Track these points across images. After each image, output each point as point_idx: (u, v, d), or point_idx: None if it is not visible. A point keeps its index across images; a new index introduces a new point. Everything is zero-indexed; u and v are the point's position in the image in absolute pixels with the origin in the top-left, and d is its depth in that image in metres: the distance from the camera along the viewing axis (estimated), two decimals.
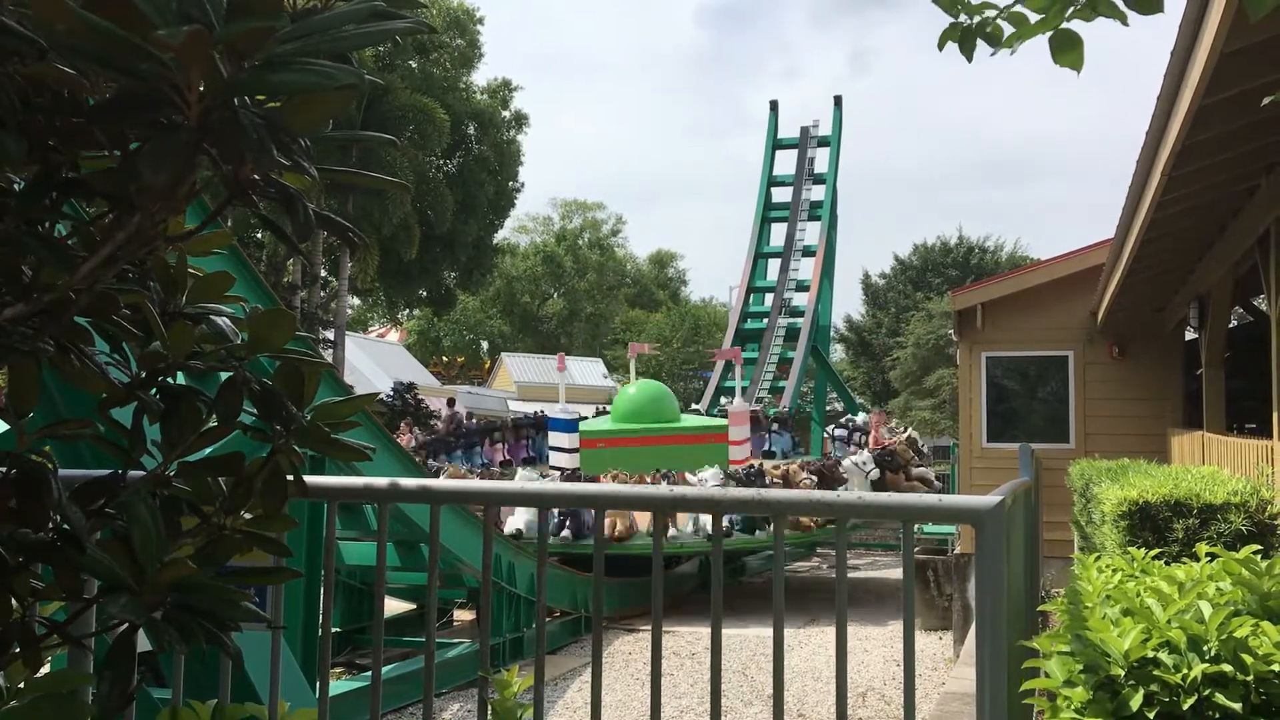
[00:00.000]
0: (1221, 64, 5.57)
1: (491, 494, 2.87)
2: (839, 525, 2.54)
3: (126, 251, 1.25)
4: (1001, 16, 2.30)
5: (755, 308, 33.15)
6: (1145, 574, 3.71)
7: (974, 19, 2.28)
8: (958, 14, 2.28)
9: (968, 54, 2.32)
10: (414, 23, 1.17)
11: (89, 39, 0.98)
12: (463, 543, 12.37)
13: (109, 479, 1.86)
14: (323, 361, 1.92)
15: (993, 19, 2.31)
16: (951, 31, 2.31)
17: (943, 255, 58.76)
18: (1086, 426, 16.04)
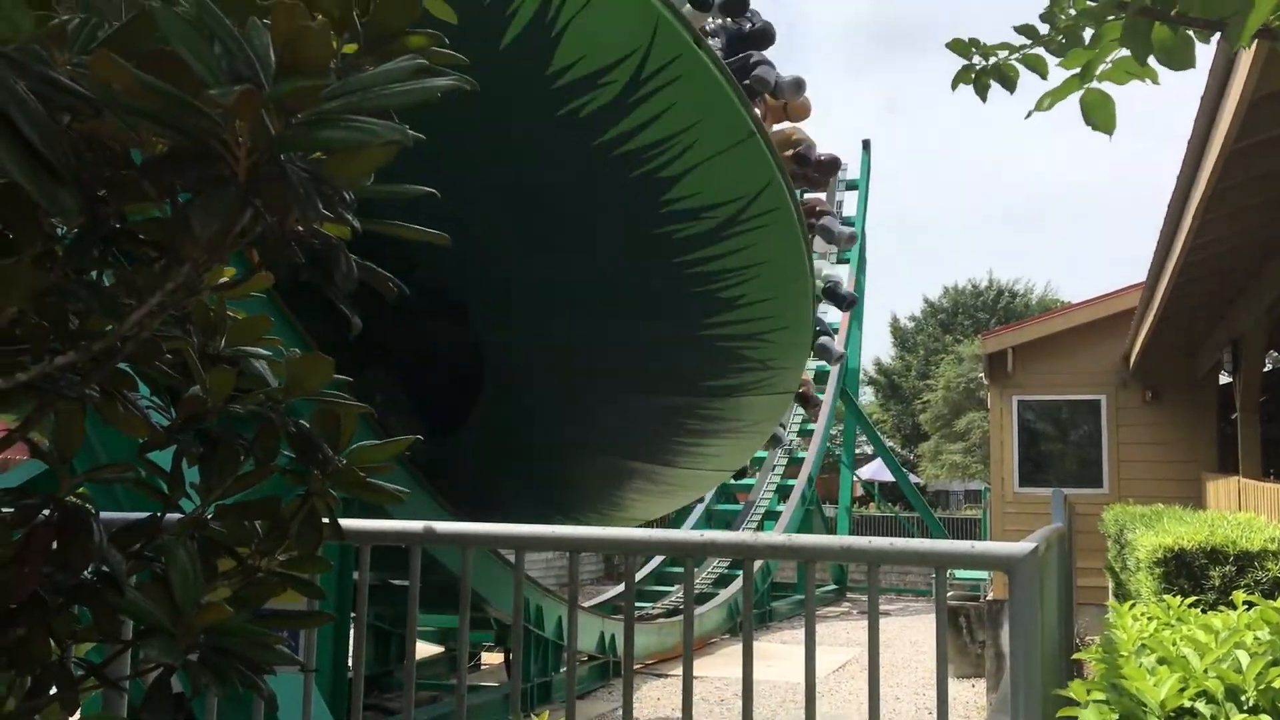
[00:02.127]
0: (1251, 109, 5.57)
1: (522, 538, 2.88)
2: (871, 571, 2.54)
3: (173, 300, 1.28)
4: (1016, 58, 2.32)
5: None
6: (1181, 622, 3.66)
7: (988, 60, 2.31)
8: (971, 56, 2.31)
9: (981, 95, 2.34)
10: (456, 81, 1.20)
11: (144, 98, 1.01)
12: (491, 585, 12.33)
13: (148, 522, 1.88)
14: (359, 405, 1.94)
15: (1005, 59, 2.33)
16: (964, 74, 2.34)
17: (973, 298, 58.57)
18: (1120, 471, 15.88)
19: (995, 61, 2.29)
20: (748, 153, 8.25)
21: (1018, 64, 2.29)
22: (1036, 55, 2.27)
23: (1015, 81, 2.31)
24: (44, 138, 1.03)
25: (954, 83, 2.34)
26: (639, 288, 9.00)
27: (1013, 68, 2.30)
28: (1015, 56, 2.28)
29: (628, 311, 9.29)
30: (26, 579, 1.59)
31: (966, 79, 2.31)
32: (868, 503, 40.64)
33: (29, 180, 1.03)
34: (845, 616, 26.08)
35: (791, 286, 9.71)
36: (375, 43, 1.44)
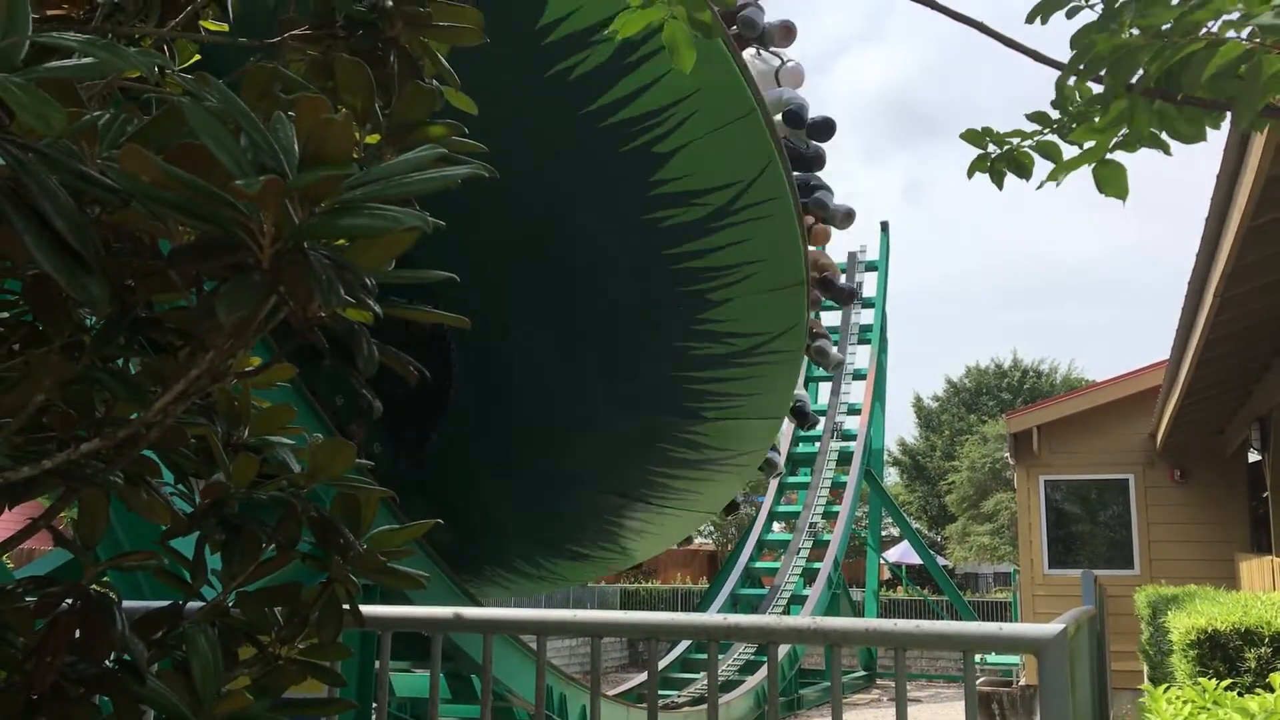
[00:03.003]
0: (1268, 186, 5.59)
1: (544, 624, 2.86)
2: (897, 655, 2.50)
3: (198, 387, 1.30)
4: (1029, 145, 2.35)
5: (806, 432, 32.95)
6: (1217, 705, 3.59)
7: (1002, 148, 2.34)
8: (986, 145, 2.34)
9: (998, 183, 2.37)
10: (475, 169, 1.23)
11: (171, 189, 1.04)
12: (512, 672, 12.17)
13: (170, 610, 1.88)
14: (380, 489, 1.95)
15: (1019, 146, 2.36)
16: (980, 163, 2.37)
17: (996, 378, 58.39)
18: (1151, 552, 15.65)
19: (1009, 149, 2.32)
20: (747, 132, 7.68)
21: (1031, 150, 2.32)
22: (1050, 143, 2.30)
23: (1030, 169, 2.34)
24: (74, 230, 1.05)
25: (970, 171, 2.37)
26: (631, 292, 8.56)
27: (1027, 155, 2.33)
28: (1028, 144, 2.31)
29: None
30: (48, 668, 1.58)
31: (982, 167, 2.34)
32: (895, 586, 40.13)
33: (59, 272, 1.05)
34: (875, 704, 25.58)
35: (785, 291, 9.00)
36: (397, 132, 1.48)
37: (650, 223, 7.80)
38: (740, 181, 7.82)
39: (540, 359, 9.18)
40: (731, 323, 8.74)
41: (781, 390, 10.40)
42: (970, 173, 2.35)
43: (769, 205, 8.06)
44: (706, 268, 8.20)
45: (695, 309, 8.52)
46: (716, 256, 8.10)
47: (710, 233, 7.96)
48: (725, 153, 7.63)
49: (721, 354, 8.95)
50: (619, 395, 9.56)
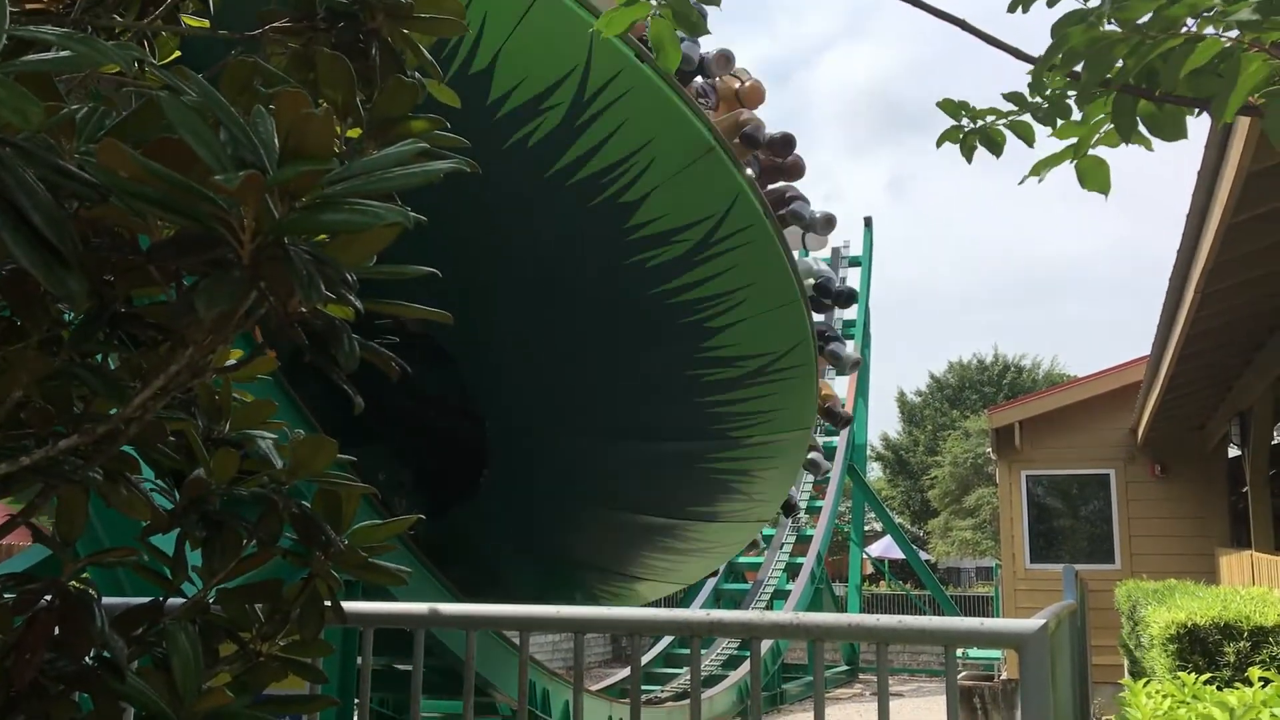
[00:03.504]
0: (1249, 183, 5.62)
1: (527, 619, 2.85)
2: (879, 650, 2.51)
3: (177, 382, 1.30)
4: (1003, 124, 2.36)
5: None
6: (1197, 699, 3.61)
7: (976, 123, 2.35)
8: (960, 118, 2.35)
9: (967, 156, 2.38)
10: (458, 163, 1.22)
11: (150, 183, 1.03)
12: (495, 668, 12.16)
13: (150, 606, 1.87)
14: (361, 485, 1.94)
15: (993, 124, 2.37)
16: (952, 133, 2.37)
17: (979, 373, 58.60)
18: (1132, 547, 15.74)
19: (983, 125, 2.33)
20: (710, 169, 8.00)
21: (1005, 129, 2.33)
22: (1023, 123, 2.31)
23: (1001, 146, 2.35)
24: (51, 225, 1.04)
25: (939, 141, 2.37)
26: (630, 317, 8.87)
27: (1000, 133, 2.34)
28: (1002, 122, 2.32)
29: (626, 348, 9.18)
30: (27, 665, 1.57)
31: (954, 138, 2.35)
32: (878, 581, 40.25)
33: (36, 267, 1.04)
34: (857, 698, 25.65)
35: (782, 310, 9.36)
36: (378, 126, 1.47)
37: (636, 265, 8.10)
38: (713, 216, 8.11)
39: (561, 405, 9.62)
40: (736, 346, 9.09)
41: (803, 400, 10.71)
42: (940, 142, 2.36)
43: (747, 233, 8.35)
44: (699, 299, 8.50)
45: (698, 338, 8.81)
46: (706, 287, 8.39)
47: (695, 266, 8.27)
48: (693, 192, 7.92)
49: (734, 376, 9.26)
50: (645, 432, 9.95)
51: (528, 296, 8.47)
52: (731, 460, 10.63)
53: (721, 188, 8.06)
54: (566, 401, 9.59)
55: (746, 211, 8.27)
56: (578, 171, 7.45)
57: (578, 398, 9.58)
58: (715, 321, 8.72)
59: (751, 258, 8.51)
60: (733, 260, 8.36)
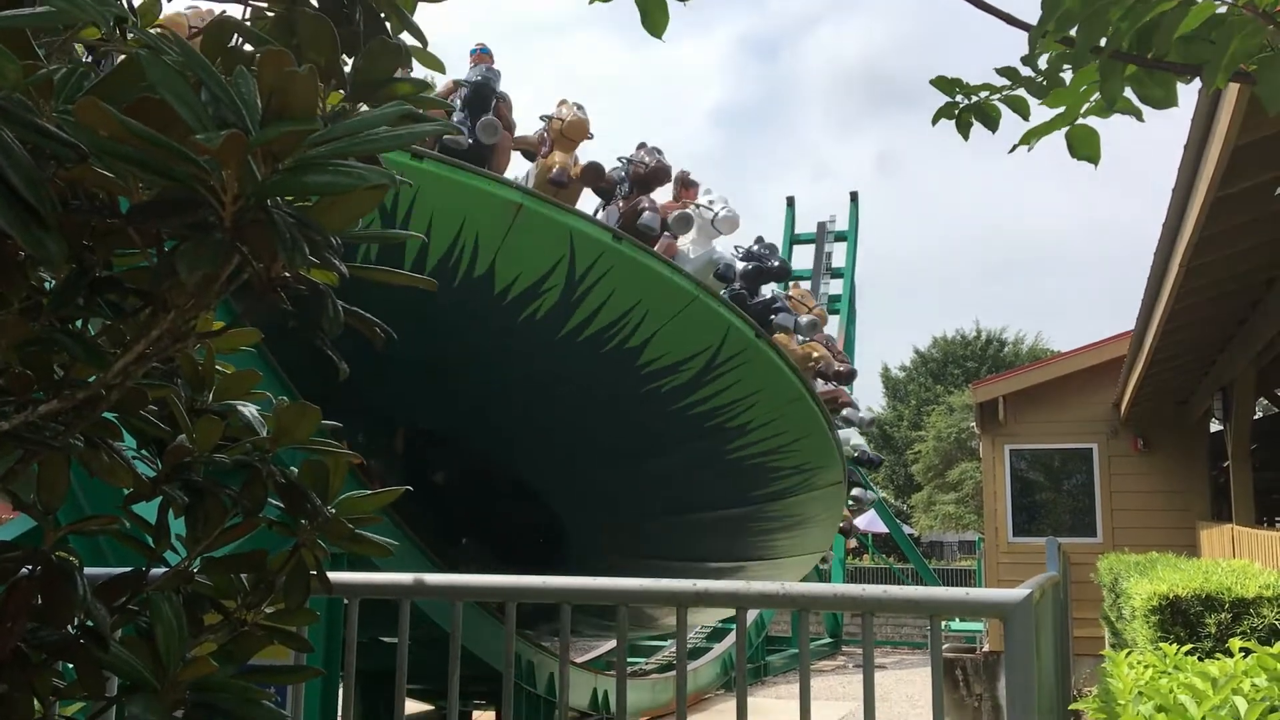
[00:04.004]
0: (1235, 157, 5.62)
1: (513, 590, 2.85)
2: (865, 619, 2.51)
3: (158, 348, 1.28)
4: (998, 98, 2.35)
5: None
6: (1178, 670, 3.64)
7: (970, 99, 2.33)
8: (955, 94, 2.33)
9: (963, 133, 2.37)
10: (441, 125, 1.21)
11: (130, 143, 1.01)
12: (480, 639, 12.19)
13: (133, 575, 1.86)
14: (348, 454, 1.92)
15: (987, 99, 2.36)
16: (947, 109, 2.36)
17: (962, 348, 58.77)
18: (1114, 520, 15.85)
19: (977, 100, 2.31)
20: (698, 312, 9.75)
21: (1000, 104, 2.32)
22: (1018, 97, 2.29)
23: (997, 121, 2.34)
24: (29, 185, 1.02)
25: (935, 118, 2.36)
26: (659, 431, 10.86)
27: (994, 108, 2.32)
28: (997, 97, 2.31)
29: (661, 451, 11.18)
30: (9, 635, 1.56)
31: (949, 115, 2.33)
32: (862, 554, 40.47)
33: (14, 226, 1.02)
34: (840, 670, 25.84)
35: (792, 404, 11.12)
36: (362, 90, 1.45)
37: (653, 390, 10.00)
38: (710, 347, 9.90)
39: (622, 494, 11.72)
40: (760, 442, 11.05)
41: (829, 466, 12.77)
42: (935, 119, 2.34)
43: (744, 354, 10.13)
44: (715, 408, 10.34)
45: (724, 439, 10.74)
46: (719, 398, 10.20)
47: (704, 385, 10.05)
48: (687, 331, 9.75)
49: (764, 451, 11.20)
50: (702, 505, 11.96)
51: (579, 419, 10.45)
52: (777, 512, 12.87)
53: (713, 324, 9.83)
54: (627, 490, 11.60)
55: (738, 339, 10.01)
56: (584, 330, 9.31)
57: (636, 486, 11.53)
58: (734, 421, 10.62)
59: (753, 373, 10.27)
60: (736, 376, 10.14)
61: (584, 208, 11.05)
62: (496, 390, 10.04)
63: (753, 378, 10.30)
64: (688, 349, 9.73)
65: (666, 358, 9.77)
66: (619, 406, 10.25)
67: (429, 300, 7.72)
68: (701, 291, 9.70)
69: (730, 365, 9.99)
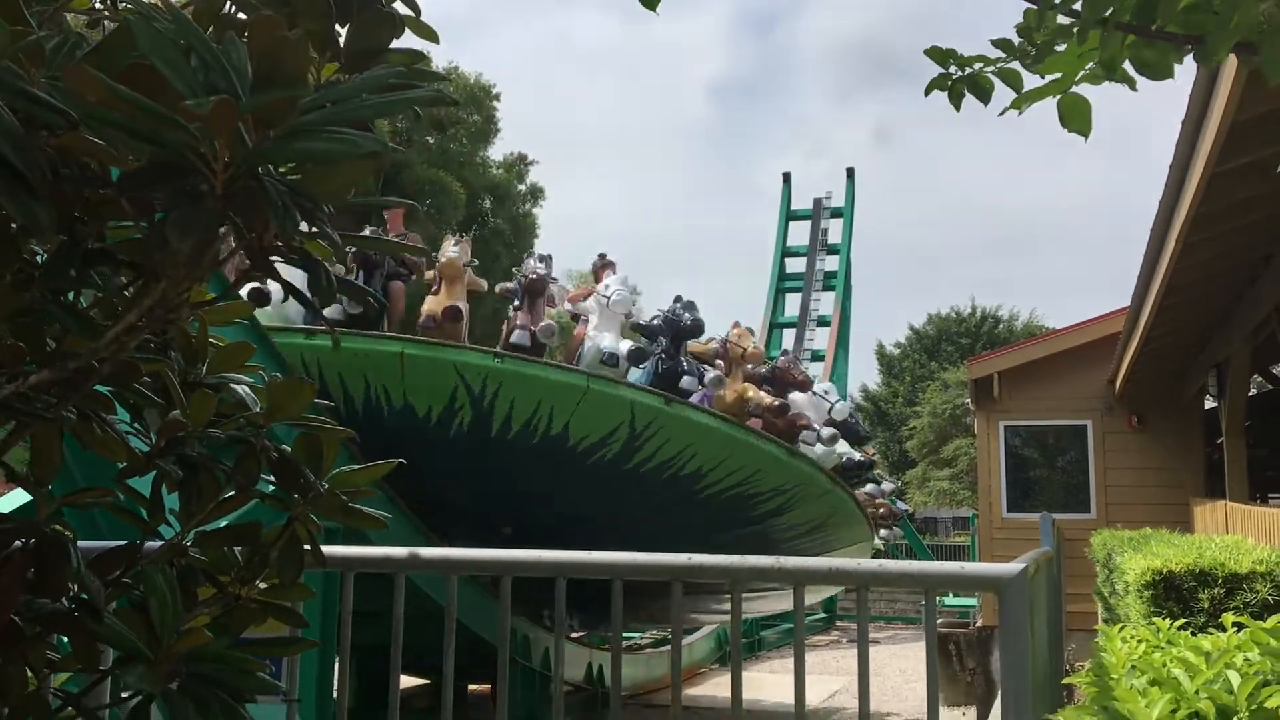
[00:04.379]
0: (1233, 132, 5.61)
1: (509, 563, 2.85)
2: (860, 593, 2.52)
3: (150, 319, 1.27)
4: (992, 70, 2.33)
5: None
6: (1171, 644, 3.64)
7: (964, 71, 2.32)
8: (948, 65, 2.32)
9: (955, 104, 2.36)
10: (434, 92, 1.19)
11: (119, 110, 1.00)
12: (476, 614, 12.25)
13: (127, 548, 1.85)
14: (341, 429, 1.92)
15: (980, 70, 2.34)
16: (940, 81, 2.35)
17: (957, 325, 58.81)
18: (1107, 496, 15.90)
19: (970, 72, 2.30)
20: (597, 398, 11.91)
21: (993, 76, 2.30)
22: (1011, 69, 2.28)
23: (989, 93, 2.32)
24: (18, 152, 1.01)
25: (928, 89, 2.35)
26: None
27: (987, 79, 2.31)
28: (991, 69, 2.29)
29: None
30: (2, 607, 1.56)
31: (942, 86, 2.32)
32: None
33: (2, 194, 1.01)
34: (834, 645, 25.98)
35: (735, 444, 13.47)
36: (355, 59, 1.43)
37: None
38: (624, 421, 12.04)
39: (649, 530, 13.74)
40: (723, 479, 13.37)
41: (809, 482, 14.97)
42: (928, 90, 2.33)
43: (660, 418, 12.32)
44: (661, 463, 12.75)
45: (689, 484, 13.15)
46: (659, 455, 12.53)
47: (638, 449, 12.40)
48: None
49: (732, 485, 13.65)
50: (718, 528, 14.23)
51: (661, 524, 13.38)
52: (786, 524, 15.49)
53: (615, 404, 12.05)
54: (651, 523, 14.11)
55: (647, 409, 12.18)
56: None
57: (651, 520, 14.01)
58: (685, 470, 12.99)
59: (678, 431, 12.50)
60: (664, 436, 12.41)
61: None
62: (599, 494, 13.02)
63: (681, 434, 12.45)
64: (605, 426, 11.96)
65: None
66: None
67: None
68: (594, 381, 11.87)
69: (652, 430, 12.17)
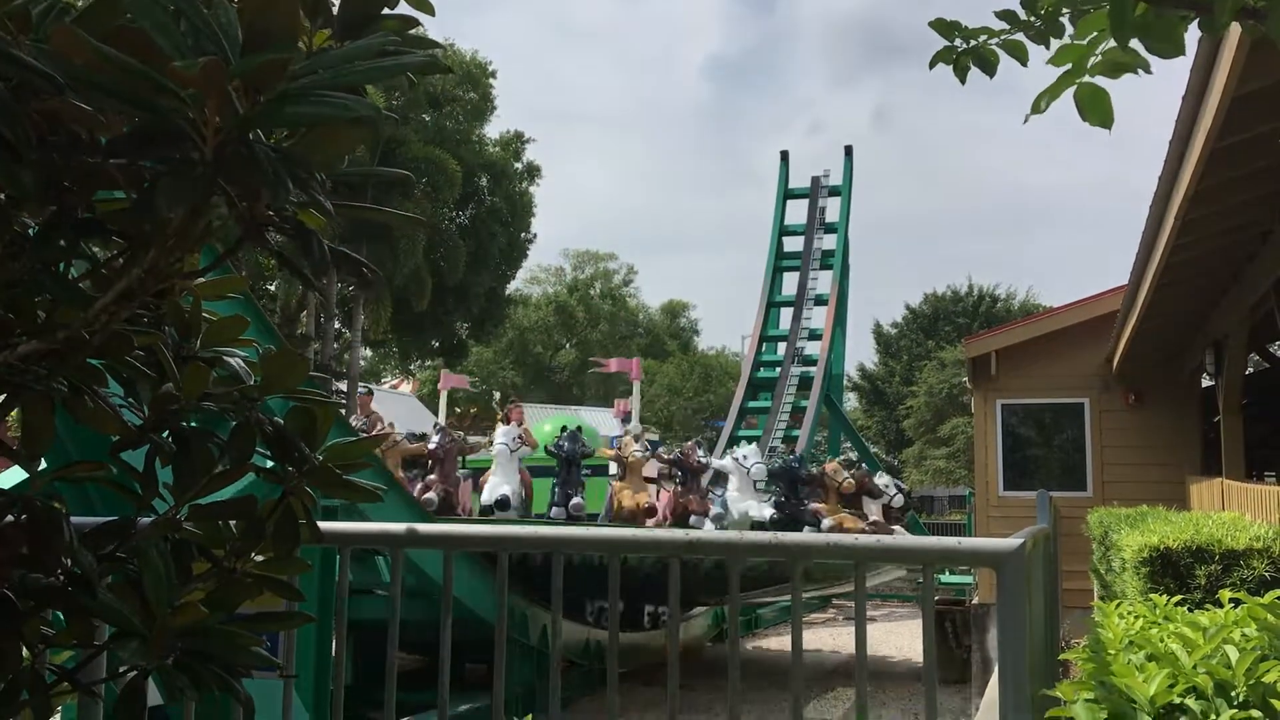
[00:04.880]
0: (1234, 106, 5.58)
1: (505, 539, 2.84)
2: (858, 570, 2.51)
3: (141, 289, 1.25)
4: (997, 42, 2.31)
5: (768, 356, 33.13)
6: (1168, 620, 3.65)
7: (969, 43, 2.30)
8: (954, 38, 2.29)
9: (960, 76, 2.34)
10: (428, 58, 1.17)
11: (106, 73, 0.98)
12: (474, 592, 12.30)
13: (121, 523, 1.84)
14: (335, 403, 1.90)
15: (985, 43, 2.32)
16: (945, 54, 2.32)
17: (954, 304, 58.79)
18: (1104, 474, 15.92)
19: (975, 45, 2.28)
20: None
21: (998, 49, 2.28)
22: (1016, 41, 2.26)
23: (995, 66, 2.30)
24: (3, 116, 0.99)
25: (932, 61, 2.33)
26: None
27: (993, 52, 2.29)
28: (995, 41, 2.27)
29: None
30: None
31: (947, 59, 2.30)
32: None
33: None
34: (831, 623, 26.07)
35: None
36: (349, 27, 1.41)
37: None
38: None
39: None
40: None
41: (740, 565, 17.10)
42: (933, 63, 2.31)
43: None
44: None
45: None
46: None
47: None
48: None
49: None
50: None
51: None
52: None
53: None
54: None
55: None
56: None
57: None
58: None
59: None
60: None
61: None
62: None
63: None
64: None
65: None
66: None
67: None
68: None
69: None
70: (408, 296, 36.64)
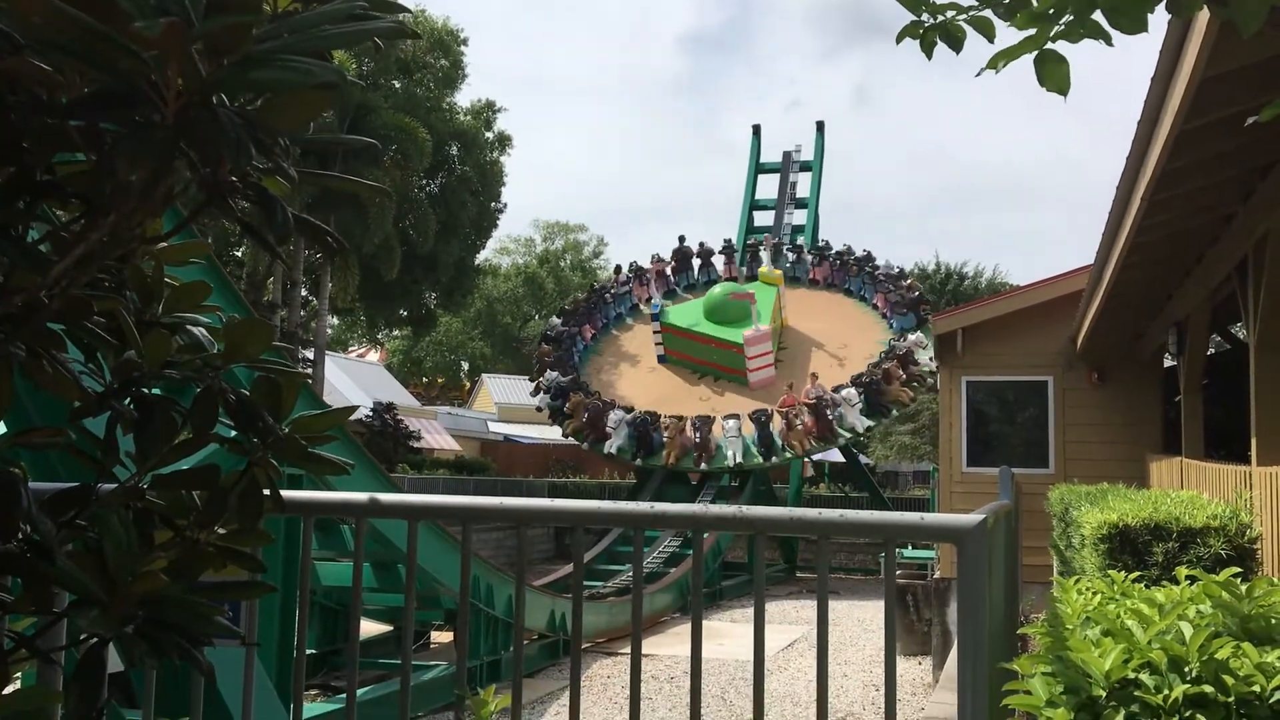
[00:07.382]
0: (1202, 88, 5.61)
1: (469, 509, 2.84)
2: (821, 543, 2.52)
3: (101, 253, 1.23)
4: (964, 19, 2.31)
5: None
6: (1125, 596, 3.70)
7: (936, 18, 2.29)
8: (921, 13, 2.29)
9: (927, 52, 2.34)
10: (394, 24, 1.16)
11: (66, 32, 0.96)
12: (440, 563, 12.30)
13: (80, 490, 1.82)
14: (300, 373, 1.89)
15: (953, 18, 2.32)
16: (912, 28, 2.32)
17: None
18: (1066, 452, 16.09)
19: (943, 20, 2.27)
20: None
21: (965, 25, 2.28)
22: (983, 18, 2.25)
23: (961, 42, 2.30)
24: None
25: (899, 36, 2.32)
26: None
27: (959, 28, 2.28)
28: (963, 18, 2.27)
29: None
30: None
31: (914, 34, 2.29)
32: (818, 483, 40.96)
33: None
34: (794, 596, 26.28)
35: None
36: None
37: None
38: None
39: None
40: None
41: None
42: (900, 38, 2.31)
43: None
44: None
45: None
46: None
47: None
48: None
49: None
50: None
51: None
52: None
53: None
54: None
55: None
56: None
57: None
58: None
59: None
60: None
61: None
62: None
63: None
64: None
65: None
66: None
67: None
68: None
69: None
70: (376, 265, 36.40)
